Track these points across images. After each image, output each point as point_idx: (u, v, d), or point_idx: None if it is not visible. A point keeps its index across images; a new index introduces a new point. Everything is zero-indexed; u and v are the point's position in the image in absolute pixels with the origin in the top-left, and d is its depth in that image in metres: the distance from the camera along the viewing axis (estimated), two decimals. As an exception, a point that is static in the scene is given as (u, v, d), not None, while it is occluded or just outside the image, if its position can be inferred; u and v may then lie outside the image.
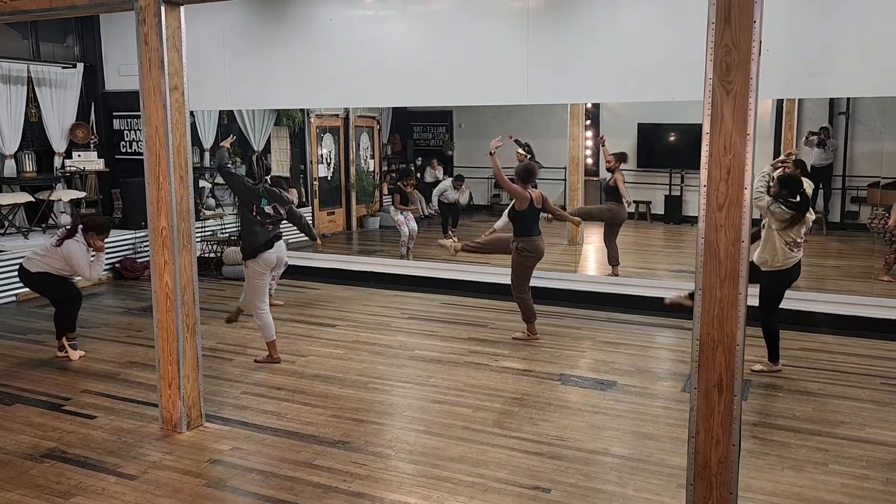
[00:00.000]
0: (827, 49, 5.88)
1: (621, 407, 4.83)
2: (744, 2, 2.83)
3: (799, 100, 10.61)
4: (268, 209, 5.67)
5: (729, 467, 3.07)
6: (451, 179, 11.48)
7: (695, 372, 3.09)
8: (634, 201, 13.35)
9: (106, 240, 6.01)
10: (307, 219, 5.79)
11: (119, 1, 4.25)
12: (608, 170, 8.55)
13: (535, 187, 6.34)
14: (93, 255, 5.83)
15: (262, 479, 3.87)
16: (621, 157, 8.49)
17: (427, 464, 4.03)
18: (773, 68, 5.55)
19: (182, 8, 4.21)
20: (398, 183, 10.45)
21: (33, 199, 8.73)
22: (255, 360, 5.80)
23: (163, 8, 4.09)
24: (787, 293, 5.46)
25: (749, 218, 2.94)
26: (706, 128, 2.94)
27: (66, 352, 5.94)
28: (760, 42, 2.87)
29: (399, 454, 4.17)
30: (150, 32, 4.14)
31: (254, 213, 5.62)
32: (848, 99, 11.69)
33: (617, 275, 8.22)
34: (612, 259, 8.37)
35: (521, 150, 9.20)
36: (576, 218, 7.48)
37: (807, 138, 11.59)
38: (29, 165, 8.87)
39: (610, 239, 8.43)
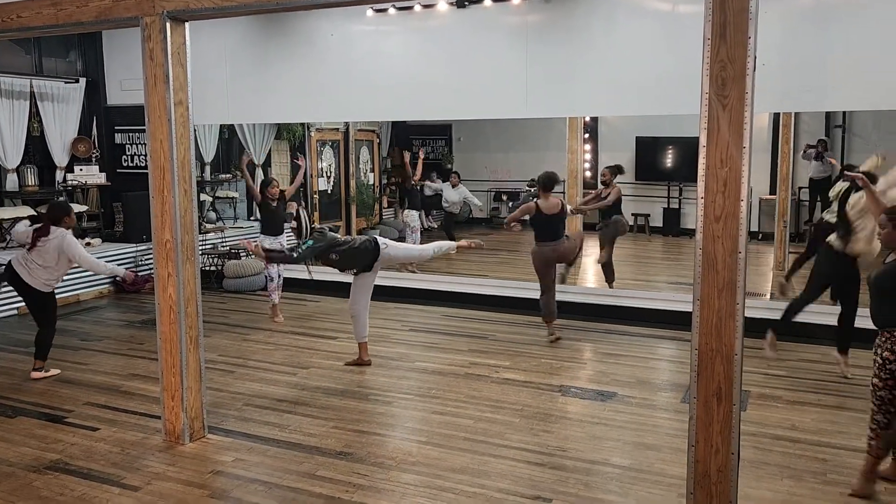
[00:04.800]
0: (822, 64, 5.96)
1: (622, 417, 4.86)
2: (739, 18, 2.90)
3: (795, 113, 10.69)
4: (333, 256, 5.73)
5: (728, 476, 3.10)
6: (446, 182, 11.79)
7: (694, 381, 3.13)
8: (633, 214, 13.43)
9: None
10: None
11: (125, 18, 4.31)
12: (604, 183, 8.49)
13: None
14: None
15: (264, 490, 3.89)
16: (616, 170, 8.49)
17: (429, 474, 4.05)
18: (768, 83, 5.63)
19: (187, 24, 4.28)
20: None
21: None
22: (346, 363, 6.02)
23: (168, 24, 4.16)
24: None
25: (746, 229, 2.99)
26: (703, 141, 3.00)
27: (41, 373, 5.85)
28: (755, 57, 2.93)
29: (401, 465, 4.19)
30: (155, 48, 4.20)
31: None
32: (844, 112, 11.78)
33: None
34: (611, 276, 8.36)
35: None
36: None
37: (804, 151, 11.66)
38: (31, 179, 8.94)
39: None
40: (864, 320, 6.54)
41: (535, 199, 6.72)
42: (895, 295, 3.73)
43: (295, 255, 5.77)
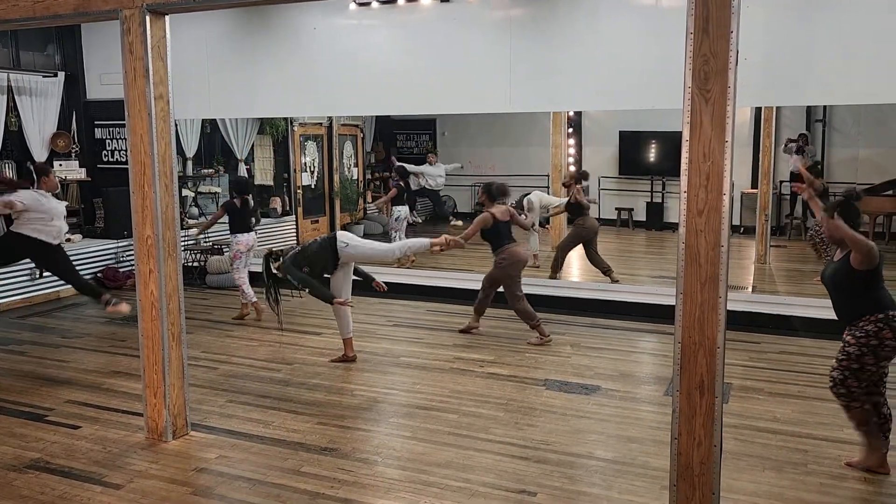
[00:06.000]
0: (804, 58, 6.00)
1: (605, 411, 4.88)
2: (721, 13, 2.91)
3: (777, 108, 10.78)
4: (305, 270, 5.65)
5: (711, 468, 3.13)
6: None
7: (677, 375, 3.15)
8: (616, 208, 13.49)
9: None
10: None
11: (103, 10, 4.25)
12: (564, 185, 8.74)
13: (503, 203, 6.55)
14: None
15: (249, 487, 3.87)
16: (583, 176, 8.73)
17: (414, 469, 4.05)
18: (751, 77, 5.66)
19: (167, 17, 4.23)
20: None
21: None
22: (331, 361, 5.94)
23: (148, 17, 4.10)
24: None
25: (728, 222, 3.01)
26: (685, 135, 3.01)
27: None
28: (738, 51, 2.95)
29: (386, 460, 4.19)
30: (135, 42, 4.15)
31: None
32: (824, 107, 11.89)
33: (616, 280, 8.31)
34: (605, 268, 8.43)
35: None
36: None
37: (785, 145, 11.76)
38: (9, 175, 8.80)
39: (593, 254, 8.47)
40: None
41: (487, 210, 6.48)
42: (850, 289, 3.83)
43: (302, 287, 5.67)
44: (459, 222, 11.31)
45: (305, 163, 12.31)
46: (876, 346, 3.75)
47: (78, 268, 8.52)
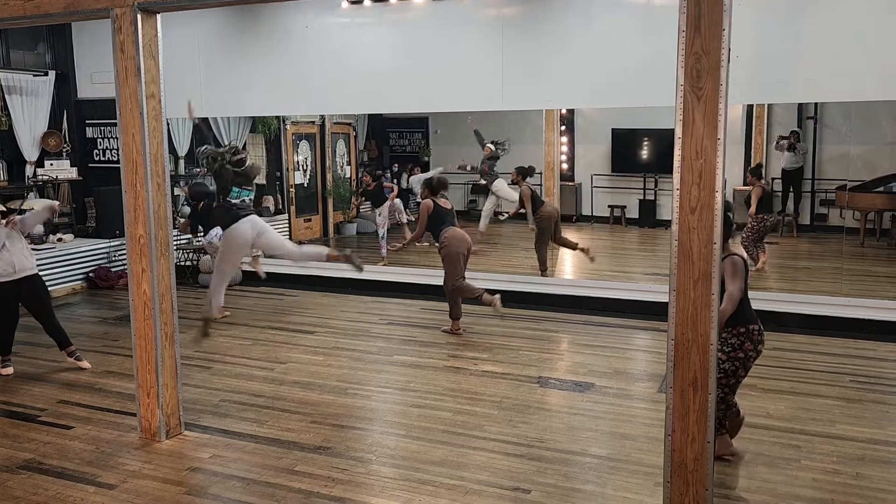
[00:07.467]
0: (794, 56, 6.03)
1: (599, 408, 4.89)
2: (713, 11, 2.92)
3: (768, 105, 10.82)
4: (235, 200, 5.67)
5: (704, 464, 3.14)
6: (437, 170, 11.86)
7: (670, 371, 3.16)
8: (609, 206, 13.51)
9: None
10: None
11: (94, 9, 4.23)
12: (513, 183, 8.87)
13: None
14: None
15: (243, 487, 3.87)
16: (525, 172, 8.82)
17: (408, 467, 4.05)
18: (742, 74, 5.69)
19: (158, 15, 4.21)
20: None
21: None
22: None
23: (139, 16, 4.09)
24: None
25: (721, 220, 3.02)
26: (678, 133, 3.02)
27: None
28: (730, 49, 2.96)
29: (380, 459, 4.19)
30: (126, 40, 4.13)
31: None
32: (816, 104, 11.93)
33: (587, 251, 8.43)
34: (573, 245, 8.56)
35: (489, 146, 10.24)
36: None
37: (777, 142, 11.81)
38: (0, 174, 8.76)
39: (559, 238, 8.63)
40: (837, 309, 6.68)
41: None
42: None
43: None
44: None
45: (298, 161, 12.29)
46: (743, 359, 3.99)
47: (71, 268, 8.57)
